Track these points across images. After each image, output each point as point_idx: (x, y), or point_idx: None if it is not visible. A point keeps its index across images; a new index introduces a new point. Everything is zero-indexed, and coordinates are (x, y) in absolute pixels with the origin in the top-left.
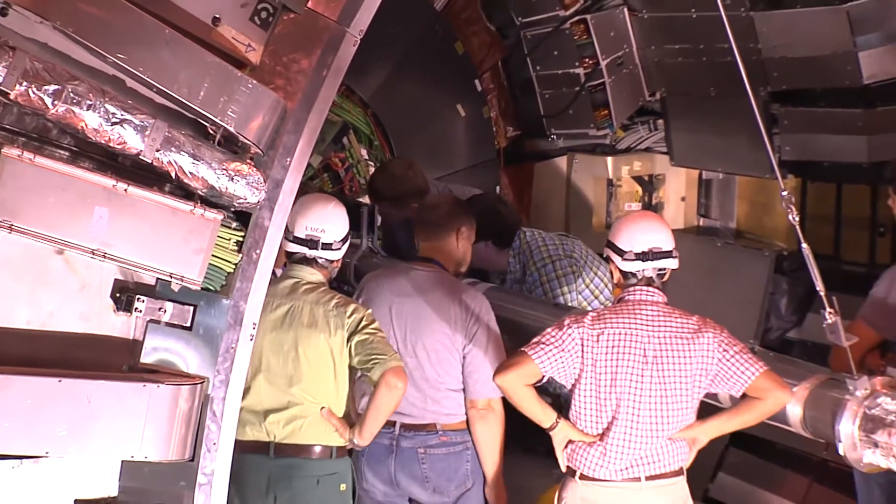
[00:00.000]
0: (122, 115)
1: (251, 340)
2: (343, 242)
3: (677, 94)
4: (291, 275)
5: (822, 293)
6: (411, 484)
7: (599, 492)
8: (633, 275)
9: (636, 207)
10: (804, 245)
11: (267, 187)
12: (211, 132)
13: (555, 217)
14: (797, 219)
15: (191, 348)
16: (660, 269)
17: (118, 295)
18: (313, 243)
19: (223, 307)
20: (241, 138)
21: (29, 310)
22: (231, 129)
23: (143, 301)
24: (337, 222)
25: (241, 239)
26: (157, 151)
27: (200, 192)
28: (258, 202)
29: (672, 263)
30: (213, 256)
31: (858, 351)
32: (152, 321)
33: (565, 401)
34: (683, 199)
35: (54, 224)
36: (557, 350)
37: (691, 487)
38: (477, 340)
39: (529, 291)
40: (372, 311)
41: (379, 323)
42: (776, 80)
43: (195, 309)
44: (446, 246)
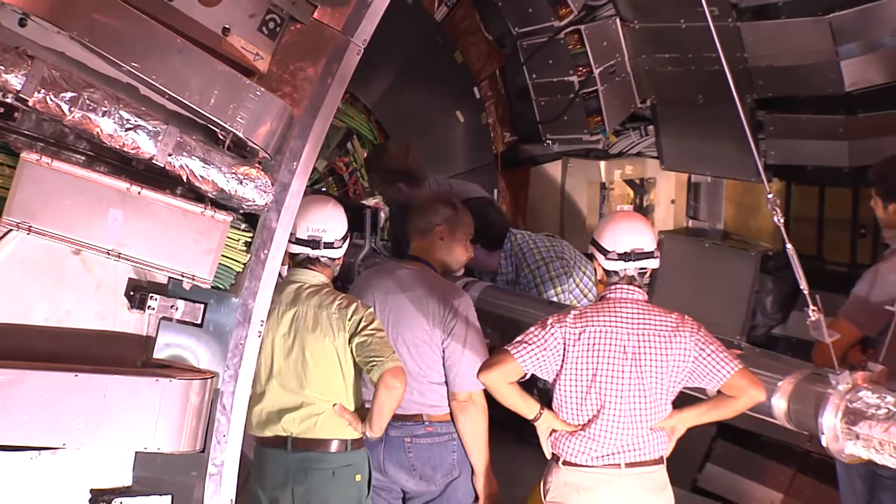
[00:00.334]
0: (136, 121)
1: (259, 337)
2: (344, 241)
3: (667, 101)
4: (294, 279)
5: (806, 292)
6: (399, 472)
7: (581, 476)
8: (616, 273)
9: (628, 209)
10: (789, 245)
11: (274, 190)
12: (221, 137)
13: (550, 219)
14: (782, 220)
15: (201, 344)
16: (641, 269)
17: (132, 293)
18: (316, 243)
19: (232, 305)
20: (250, 143)
21: (47, 308)
22: (240, 135)
23: (156, 299)
24: (337, 222)
25: (250, 240)
26: (170, 156)
27: (211, 195)
28: (266, 204)
29: (653, 263)
30: (223, 256)
31: (840, 347)
32: (164, 318)
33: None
34: (673, 202)
35: (71, 225)
36: (539, 349)
37: (680, 478)
38: (455, 335)
39: (524, 292)
40: None
41: None
42: (762, 88)
43: (206, 307)
44: (430, 245)
